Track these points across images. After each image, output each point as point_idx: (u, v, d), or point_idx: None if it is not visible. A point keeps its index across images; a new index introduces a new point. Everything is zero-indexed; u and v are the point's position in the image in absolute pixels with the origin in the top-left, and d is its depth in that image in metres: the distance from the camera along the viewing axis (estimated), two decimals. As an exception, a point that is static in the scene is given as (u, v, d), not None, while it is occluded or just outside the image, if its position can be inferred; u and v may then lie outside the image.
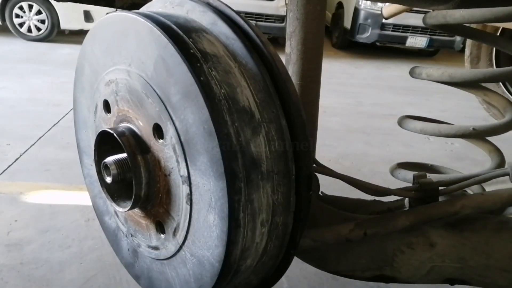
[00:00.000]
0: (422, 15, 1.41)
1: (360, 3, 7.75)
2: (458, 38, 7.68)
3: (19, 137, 3.23)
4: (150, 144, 0.94)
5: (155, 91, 0.87)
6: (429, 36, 7.66)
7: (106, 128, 1.01)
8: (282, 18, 7.55)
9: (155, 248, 1.03)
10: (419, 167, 1.60)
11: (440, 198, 1.23)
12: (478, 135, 1.41)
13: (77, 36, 7.41)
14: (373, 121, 4.37)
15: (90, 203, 1.34)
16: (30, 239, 2.07)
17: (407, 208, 1.34)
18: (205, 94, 0.78)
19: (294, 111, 0.90)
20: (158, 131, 0.90)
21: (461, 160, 3.51)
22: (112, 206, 1.08)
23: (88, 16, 6.94)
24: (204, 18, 0.95)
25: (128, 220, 1.12)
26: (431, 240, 1.15)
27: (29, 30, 6.97)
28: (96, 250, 2.01)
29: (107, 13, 1.01)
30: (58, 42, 7.09)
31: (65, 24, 7.05)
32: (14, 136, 3.25)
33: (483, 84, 1.48)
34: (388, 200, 1.42)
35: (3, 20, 6.88)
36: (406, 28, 7.65)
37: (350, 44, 8.49)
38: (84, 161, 1.30)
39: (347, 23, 8.13)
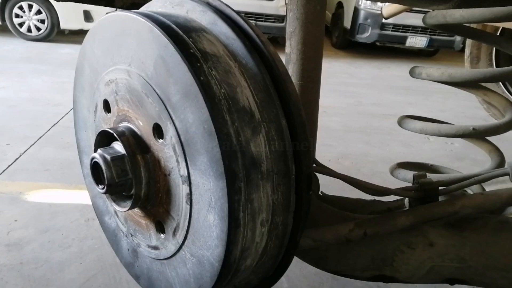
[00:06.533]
0: (422, 15, 1.41)
1: (360, 3, 7.76)
2: (458, 38, 7.69)
3: (19, 137, 3.23)
4: (150, 144, 0.94)
5: (155, 90, 0.87)
6: (429, 36, 7.66)
7: (106, 128, 1.01)
8: (282, 18, 7.55)
9: (155, 248, 1.03)
10: (419, 167, 1.60)
11: (440, 198, 1.23)
12: (478, 135, 1.41)
13: (77, 36, 7.41)
14: (373, 121, 4.37)
15: (90, 203, 1.34)
16: (30, 239, 2.07)
17: (407, 208, 1.34)
18: (205, 94, 0.77)
19: (294, 111, 0.90)
20: (158, 131, 0.90)
21: (461, 160, 3.51)
22: (112, 206, 1.08)
23: (88, 16, 6.94)
24: (204, 17, 0.95)
25: (128, 220, 1.12)
26: (431, 240, 1.15)
27: (29, 30, 6.97)
28: (96, 250, 2.01)
29: (107, 13, 1.01)
30: (58, 42, 7.09)
31: (65, 24, 7.05)
32: (14, 136, 3.25)
33: (483, 84, 1.48)
34: (388, 200, 1.42)
35: (3, 20, 6.88)
36: (406, 28, 7.65)
37: (350, 44, 8.50)
38: (84, 161, 1.30)
39: (347, 23, 8.13)
